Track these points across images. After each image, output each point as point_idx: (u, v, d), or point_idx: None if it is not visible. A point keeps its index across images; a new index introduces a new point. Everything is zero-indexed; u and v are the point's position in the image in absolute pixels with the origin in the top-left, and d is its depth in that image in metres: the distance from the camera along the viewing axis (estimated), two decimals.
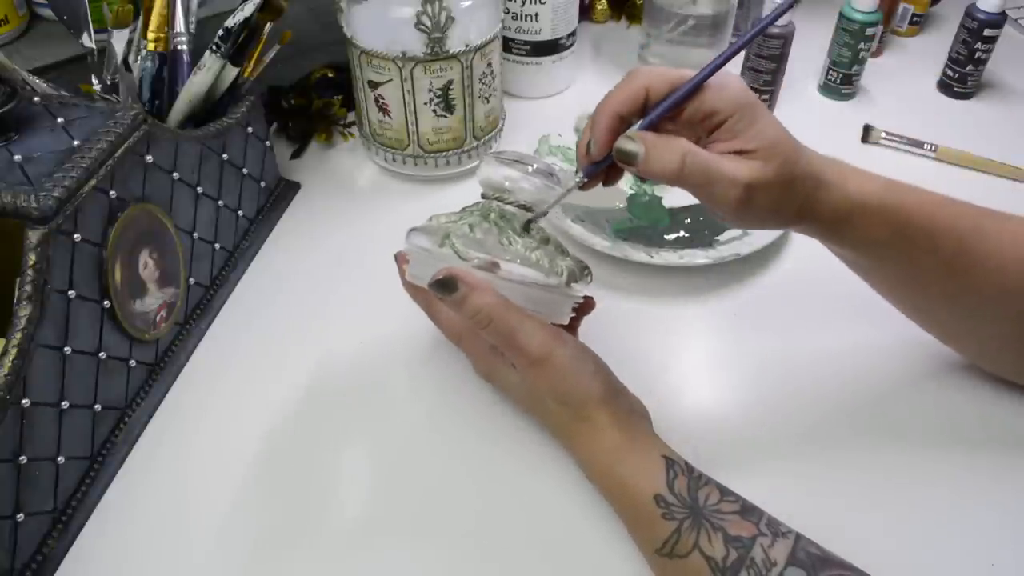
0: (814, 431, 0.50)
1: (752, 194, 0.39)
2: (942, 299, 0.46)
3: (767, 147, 0.39)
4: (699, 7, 0.76)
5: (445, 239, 0.44)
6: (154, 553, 0.44)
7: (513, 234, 0.44)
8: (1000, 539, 0.44)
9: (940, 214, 0.43)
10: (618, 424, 0.43)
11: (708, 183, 0.39)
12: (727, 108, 0.39)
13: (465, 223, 0.44)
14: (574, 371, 0.43)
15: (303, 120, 0.74)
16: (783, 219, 0.42)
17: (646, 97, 0.40)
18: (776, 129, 0.40)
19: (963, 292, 0.45)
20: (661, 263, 0.59)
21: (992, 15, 0.74)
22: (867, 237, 0.43)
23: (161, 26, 0.55)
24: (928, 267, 0.44)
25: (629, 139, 0.40)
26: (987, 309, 0.45)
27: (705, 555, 0.38)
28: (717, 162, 0.39)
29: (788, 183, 0.40)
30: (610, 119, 0.40)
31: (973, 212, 0.44)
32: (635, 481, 0.41)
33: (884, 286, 0.49)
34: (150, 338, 0.50)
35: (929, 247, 0.43)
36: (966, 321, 0.47)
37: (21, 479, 0.40)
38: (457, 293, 0.41)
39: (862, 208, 0.42)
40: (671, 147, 0.39)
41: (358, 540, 0.45)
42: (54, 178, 0.40)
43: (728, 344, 0.56)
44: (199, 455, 0.49)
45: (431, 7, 0.58)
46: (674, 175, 0.39)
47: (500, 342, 0.42)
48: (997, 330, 0.47)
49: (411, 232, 0.45)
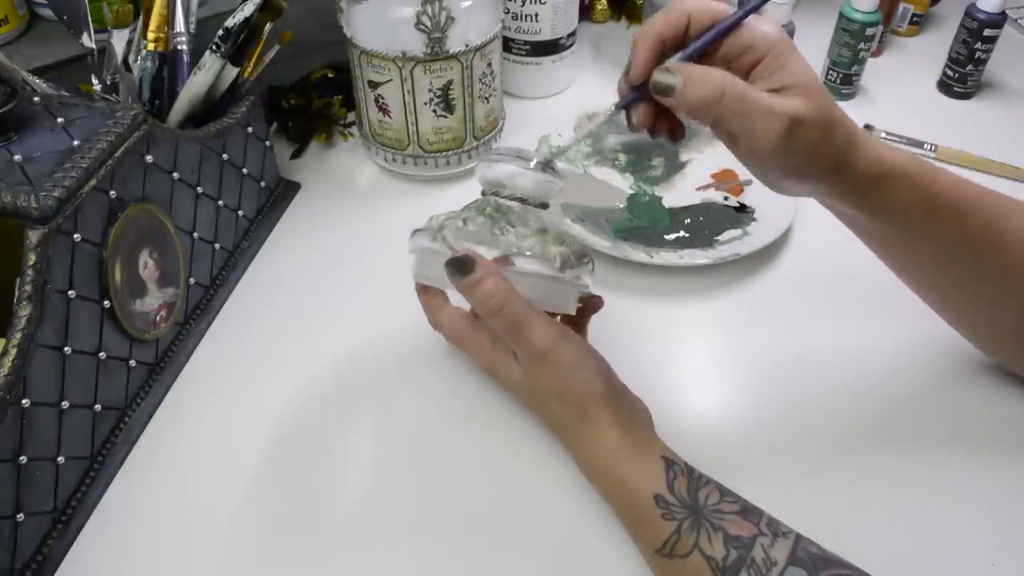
0: (813, 431, 0.50)
1: (794, 129, 0.38)
2: (963, 281, 0.46)
3: (803, 86, 0.38)
4: None
5: (438, 233, 0.44)
6: (154, 553, 0.44)
7: (507, 225, 0.44)
8: (1000, 539, 0.44)
9: (969, 191, 0.43)
10: (618, 424, 0.42)
11: (748, 116, 0.38)
12: (763, 46, 0.39)
13: (459, 218, 0.45)
14: (576, 369, 0.43)
15: (303, 120, 0.74)
16: (817, 165, 0.40)
17: (688, 24, 0.39)
18: (811, 73, 0.39)
19: (985, 274, 0.44)
20: (661, 263, 0.59)
21: (992, 15, 0.74)
22: (897, 204, 0.42)
23: (161, 26, 0.55)
24: (953, 243, 0.43)
25: (666, 71, 0.39)
26: (1007, 294, 0.45)
27: (705, 555, 0.38)
28: (757, 93, 0.38)
29: (828, 124, 0.39)
30: (652, 41, 0.39)
31: (1002, 196, 0.44)
32: (635, 481, 0.41)
33: (906, 264, 0.48)
34: (150, 338, 0.50)
35: (956, 222, 0.42)
36: (984, 308, 0.47)
37: (21, 479, 0.40)
38: (473, 275, 0.41)
39: (893, 171, 0.41)
40: (710, 77, 0.38)
41: (358, 540, 0.45)
42: (54, 178, 0.40)
43: (728, 344, 0.56)
44: (199, 455, 0.49)
45: (431, 7, 0.58)
46: (713, 105, 0.38)
47: (507, 332, 0.42)
48: (1012, 318, 0.46)
49: (414, 233, 0.46)
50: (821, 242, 0.63)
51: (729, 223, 0.63)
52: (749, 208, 0.65)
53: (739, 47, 0.39)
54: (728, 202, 0.66)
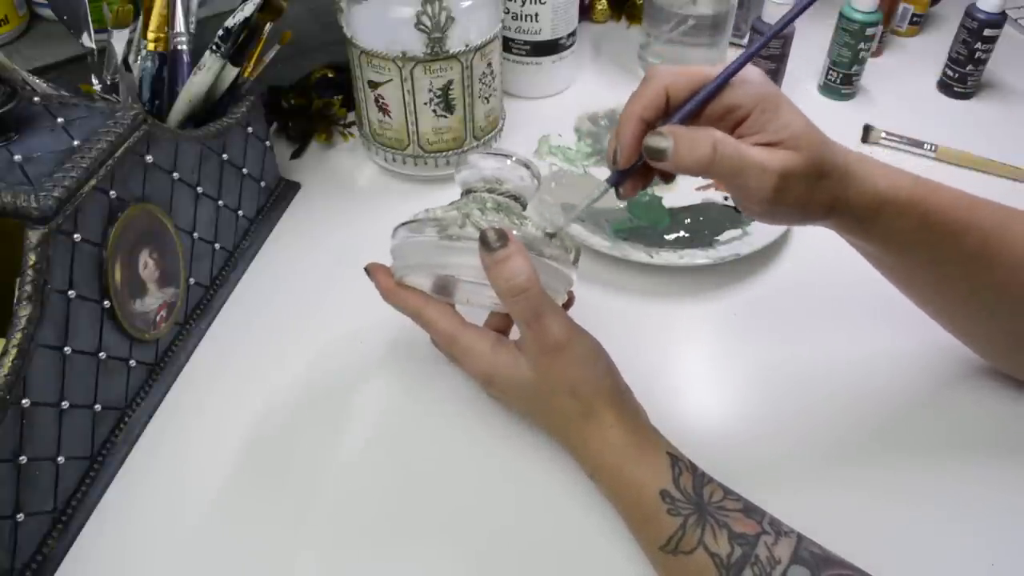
0: (812, 431, 0.50)
1: (785, 183, 0.38)
2: (962, 296, 0.46)
3: (794, 137, 0.39)
4: (699, 7, 0.76)
5: (466, 219, 0.42)
6: (154, 553, 0.44)
7: (520, 217, 0.45)
8: (1000, 539, 0.44)
9: (965, 210, 0.43)
10: (624, 423, 0.43)
11: (740, 173, 0.38)
12: (749, 102, 0.39)
13: (473, 207, 0.44)
14: (589, 363, 0.43)
15: (303, 120, 0.74)
16: (814, 211, 0.41)
17: (667, 98, 0.40)
18: (801, 120, 0.39)
19: (983, 288, 0.45)
20: (661, 263, 0.59)
21: (992, 15, 0.74)
22: (894, 231, 0.42)
23: (161, 26, 0.55)
24: (951, 262, 0.44)
25: (658, 135, 0.39)
26: (1005, 307, 0.45)
27: (710, 551, 0.38)
28: (748, 151, 0.38)
29: (819, 173, 0.39)
30: (635, 125, 0.40)
31: (999, 208, 0.44)
32: (641, 477, 0.41)
33: (906, 282, 0.49)
34: (150, 338, 0.50)
35: (951, 243, 0.43)
36: (984, 320, 0.47)
37: (21, 479, 0.40)
38: (504, 250, 0.40)
39: (891, 202, 0.41)
40: (701, 137, 0.38)
41: (358, 540, 0.45)
42: (54, 178, 0.40)
43: (727, 344, 0.56)
44: (199, 455, 0.49)
45: (431, 7, 0.58)
46: (706, 165, 0.38)
47: (526, 315, 0.41)
48: (1012, 327, 0.47)
49: (399, 227, 0.45)
50: (821, 242, 0.62)
51: (729, 223, 0.63)
52: None
53: (724, 107, 0.39)
54: (728, 202, 0.66)
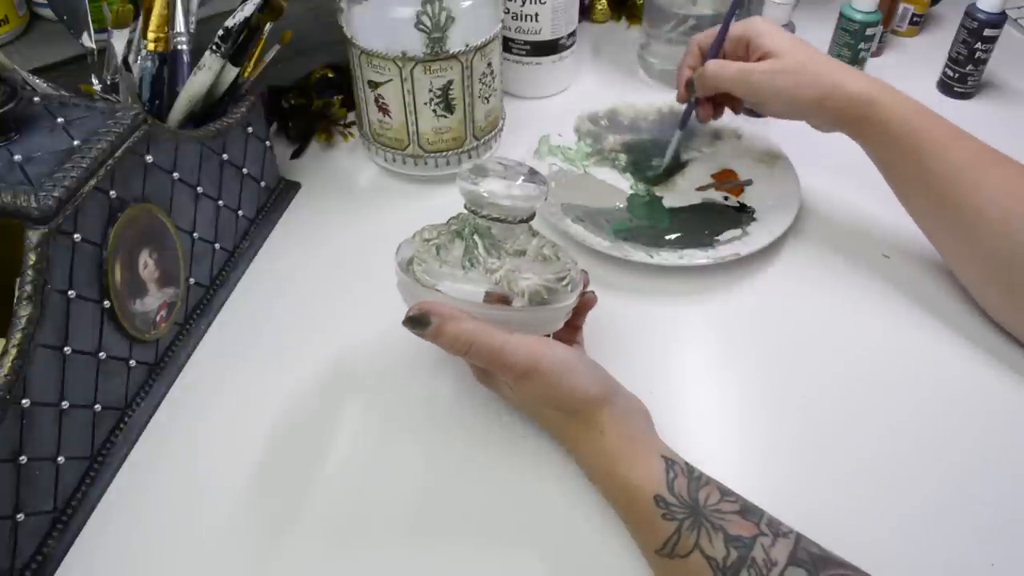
0: (813, 431, 0.50)
1: (772, 78, 0.57)
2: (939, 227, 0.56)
3: (776, 51, 0.57)
4: (699, 7, 0.76)
5: (408, 266, 0.44)
6: (154, 553, 0.44)
7: (480, 252, 0.43)
8: (1000, 539, 0.44)
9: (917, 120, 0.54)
10: (616, 426, 0.43)
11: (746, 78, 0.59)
12: (744, 38, 0.60)
13: (434, 244, 0.44)
14: (565, 376, 0.43)
15: (303, 120, 0.74)
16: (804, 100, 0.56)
17: (702, 51, 0.63)
18: (779, 39, 0.58)
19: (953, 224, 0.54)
20: (661, 263, 0.59)
21: (992, 15, 0.74)
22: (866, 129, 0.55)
23: (161, 26, 0.55)
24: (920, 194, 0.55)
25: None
26: (974, 244, 0.52)
27: (706, 555, 0.38)
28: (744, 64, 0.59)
29: (799, 70, 0.56)
30: (689, 68, 0.63)
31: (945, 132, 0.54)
32: (635, 482, 0.41)
33: (896, 191, 0.58)
34: (150, 338, 0.50)
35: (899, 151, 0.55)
36: (962, 246, 0.54)
37: (21, 479, 0.40)
38: (431, 327, 0.42)
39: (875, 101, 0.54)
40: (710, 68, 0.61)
41: (359, 540, 0.45)
42: (54, 178, 0.40)
43: (728, 344, 0.56)
44: (199, 455, 0.49)
45: (431, 7, 0.58)
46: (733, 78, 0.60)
47: (486, 364, 0.43)
48: (982, 259, 0.53)
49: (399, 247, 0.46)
50: (821, 242, 0.63)
51: (729, 223, 0.63)
52: (749, 208, 0.65)
53: (733, 45, 0.61)
54: (728, 202, 0.66)
